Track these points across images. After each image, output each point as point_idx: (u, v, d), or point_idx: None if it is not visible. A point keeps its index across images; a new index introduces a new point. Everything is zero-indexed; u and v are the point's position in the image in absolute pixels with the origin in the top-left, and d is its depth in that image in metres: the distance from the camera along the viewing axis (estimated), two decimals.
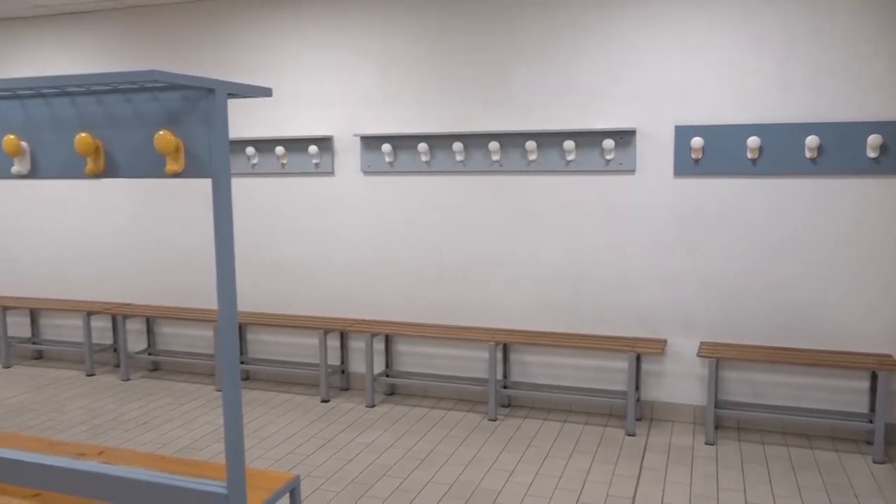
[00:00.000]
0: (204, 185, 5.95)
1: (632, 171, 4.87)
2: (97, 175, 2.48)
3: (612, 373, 5.05)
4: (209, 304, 6.06)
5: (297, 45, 5.56)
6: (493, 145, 5.05)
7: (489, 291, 5.29)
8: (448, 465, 4.22)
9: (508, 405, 5.25)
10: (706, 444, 4.51)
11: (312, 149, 5.51)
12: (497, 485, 3.96)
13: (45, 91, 2.49)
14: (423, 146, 5.21)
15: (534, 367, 5.23)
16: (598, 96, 4.88)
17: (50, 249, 6.61)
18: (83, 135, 2.41)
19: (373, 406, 5.26)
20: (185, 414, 5.14)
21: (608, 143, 4.79)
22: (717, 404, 4.66)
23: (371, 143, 5.43)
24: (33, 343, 6.62)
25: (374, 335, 5.27)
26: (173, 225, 6.13)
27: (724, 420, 4.82)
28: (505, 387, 5.23)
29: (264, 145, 5.72)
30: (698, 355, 4.56)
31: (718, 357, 4.48)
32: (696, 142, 4.62)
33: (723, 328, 4.79)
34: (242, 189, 5.88)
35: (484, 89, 5.13)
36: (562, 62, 4.93)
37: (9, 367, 6.40)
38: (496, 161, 5.12)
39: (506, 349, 5.25)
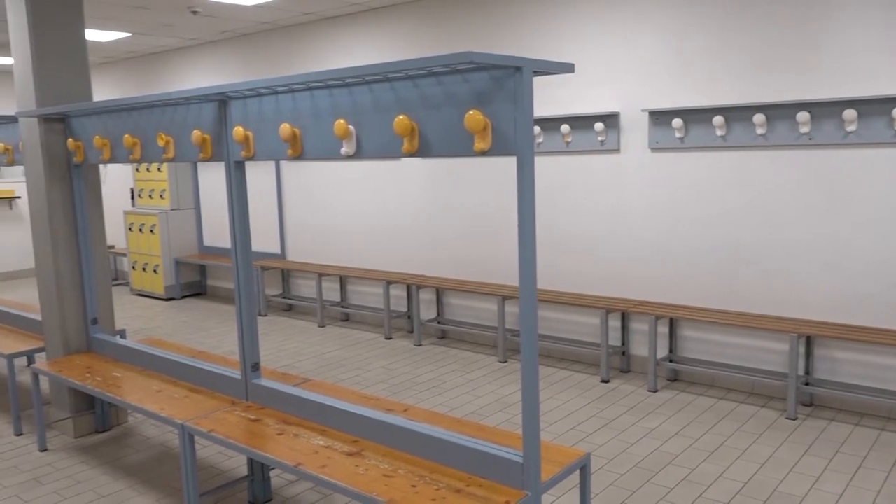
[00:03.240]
0: (493, 163, 6.18)
1: None
2: (412, 154, 2.66)
3: None
4: (494, 278, 6.31)
5: (580, 20, 5.50)
6: (802, 116, 4.53)
7: (790, 278, 4.79)
8: (740, 462, 3.93)
9: (810, 404, 4.74)
10: None
11: (598, 126, 5.43)
12: (799, 490, 3.60)
13: (369, 78, 2.73)
14: (717, 119, 4.86)
15: (844, 365, 4.64)
16: None
17: (357, 224, 7.38)
18: (401, 117, 2.60)
19: (655, 391, 5.09)
20: (471, 381, 5.43)
21: None
22: None
23: (660, 117, 5.19)
24: (342, 307, 7.47)
25: (658, 318, 5.08)
26: (463, 203, 6.47)
27: None
28: (807, 384, 4.73)
29: (549, 124, 5.76)
30: None
31: None
32: None
33: None
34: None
35: (790, 53, 4.61)
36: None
37: (323, 326, 7.29)
38: (804, 134, 4.60)
39: (809, 342, 4.73)
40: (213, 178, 8.88)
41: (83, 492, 3.84)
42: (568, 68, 2.54)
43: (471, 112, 2.41)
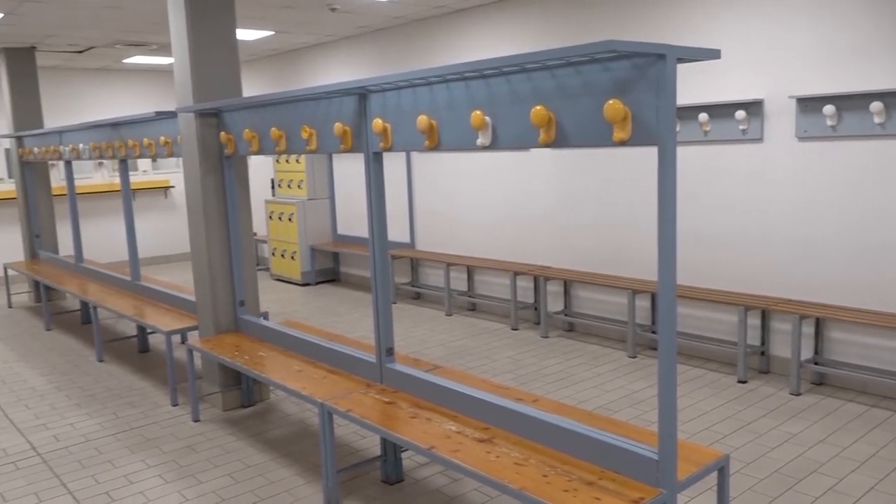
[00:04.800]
0: (622, 153, 6.04)
1: None
2: (549, 145, 2.66)
3: None
4: (623, 271, 6.18)
5: (719, 1, 5.24)
6: None
7: None
8: None
9: None
10: None
11: (739, 114, 5.17)
12: None
13: (506, 69, 2.74)
14: (875, 105, 4.50)
15: None
16: None
17: (484, 214, 7.44)
18: (538, 107, 2.60)
19: (798, 394, 4.81)
20: (599, 376, 5.35)
21: None
22: None
23: (809, 104, 4.87)
24: (469, 296, 7.57)
25: (802, 317, 4.79)
26: (590, 193, 6.37)
27: None
28: None
29: (686, 112, 5.55)
30: None
31: None
32: None
33: None
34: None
35: None
36: None
37: (450, 315, 7.42)
38: None
39: None
40: (346, 169, 9.22)
41: (231, 461, 4.12)
42: (713, 54, 2.44)
43: (610, 101, 2.37)
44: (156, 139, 5.36)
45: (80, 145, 6.77)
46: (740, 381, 5.09)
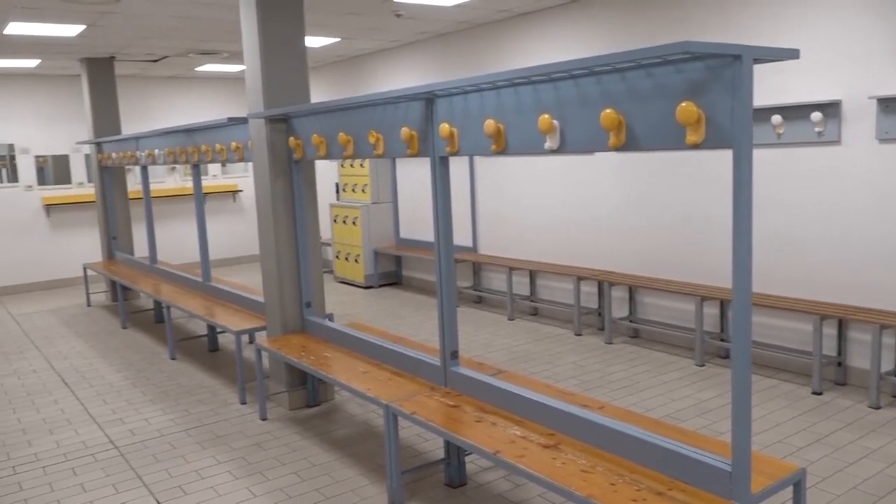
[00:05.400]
0: (689, 156, 5.91)
1: None
2: (618, 148, 2.62)
3: None
4: (691, 277, 6.04)
5: (794, 1, 5.08)
6: None
7: None
8: None
9: None
10: None
11: (815, 115, 4.99)
12: None
13: (575, 72, 2.72)
14: None
15: None
16: None
17: (547, 218, 7.39)
18: (608, 111, 2.57)
19: (877, 408, 4.60)
20: (665, 384, 5.24)
21: None
22: None
23: (891, 105, 4.67)
24: (531, 300, 7.52)
25: (883, 327, 4.59)
26: (656, 197, 6.25)
27: None
28: None
29: (757, 114, 5.39)
30: None
31: None
32: None
33: None
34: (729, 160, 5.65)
35: None
36: None
37: (512, 319, 7.39)
38: None
39: None
40: (410, 173, 9.30)
41: (297, 460, 4.20)
42: (792, 54, 2.37)
43: (683, 104, 2.32)
44: (227, 144, 5.52)
45: (156, 151, 7.02)
46: (815, 393, 4.91)
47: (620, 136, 2.59)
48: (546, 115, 2.82)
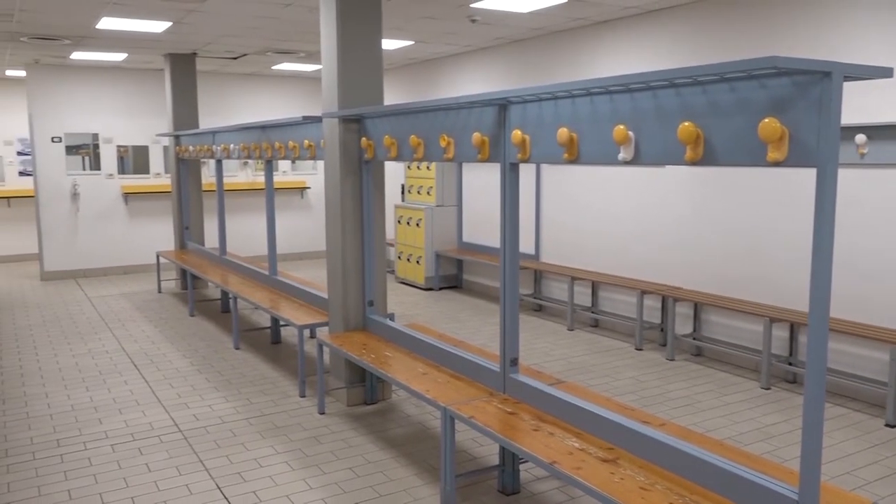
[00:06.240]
0: (762, 172, 5.75)
1: None
2: (695, 162, 2.57)
3: None
4: (759, 297, 5.87)
5: (879, 15, 4.87)
6: None
7: None
8: None
9: None
10: None
11: None
12: None
13: (653, 84, 2.68)
14: None
15: None
16: None
17: (612, 229, 7.29)
18: (686, 124, 2.52)
19: None
20: (728, 405, 5.10)
21: None
22: None
23: None
24: (592, 312, 7.44)
25: None
26: (727, 213, 6.09)
27: None
28: None
29: (841, 133, 5.20)
30: None
31: None
32: None
33: None
34: (805, 178, 5.48)
35: None
36: None
37: (572, 329, 7.32)
38: None
39: None
40: (475, 178, 9.32)
41: (353, 455, 4.26)
42: (885, 73, 2.28)
43: (766, 120, 2.27)
44: (300, 142, 5.65)
45: (231, 145, 7.24)
46: (888, 425, 4.70)
47: (698, 150, 2.54)
48: (621, 126, 2.79)
